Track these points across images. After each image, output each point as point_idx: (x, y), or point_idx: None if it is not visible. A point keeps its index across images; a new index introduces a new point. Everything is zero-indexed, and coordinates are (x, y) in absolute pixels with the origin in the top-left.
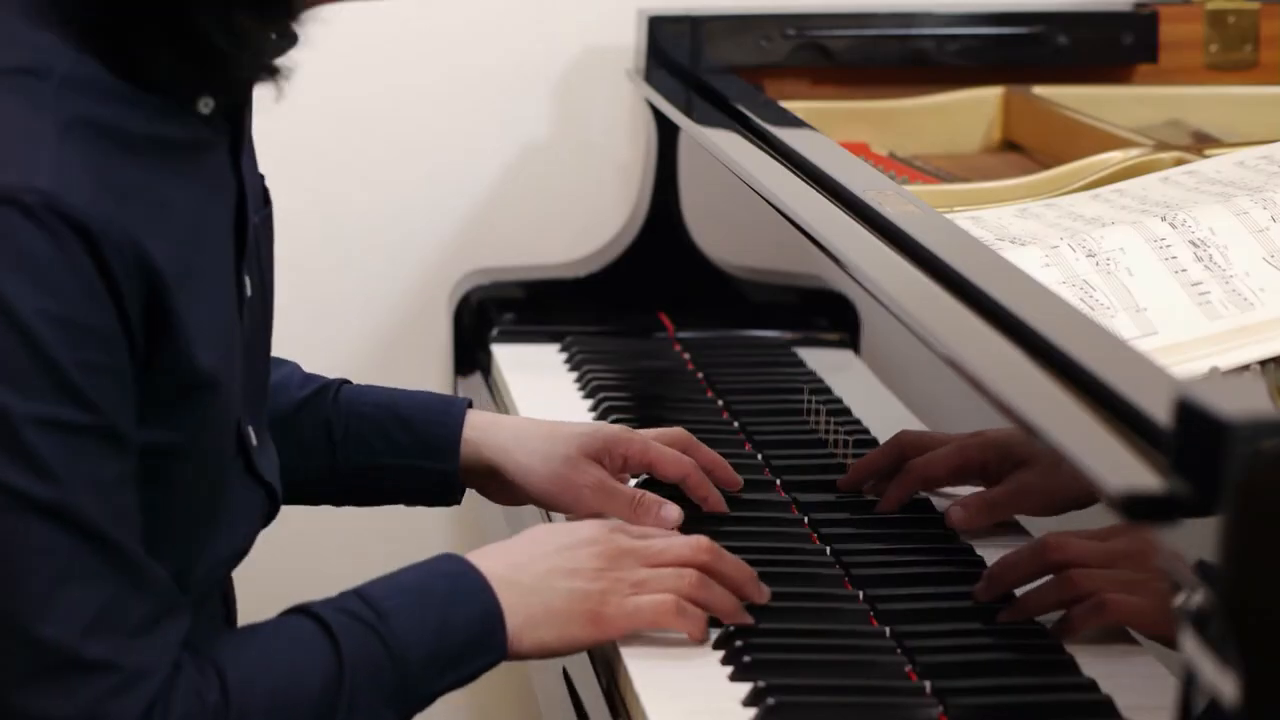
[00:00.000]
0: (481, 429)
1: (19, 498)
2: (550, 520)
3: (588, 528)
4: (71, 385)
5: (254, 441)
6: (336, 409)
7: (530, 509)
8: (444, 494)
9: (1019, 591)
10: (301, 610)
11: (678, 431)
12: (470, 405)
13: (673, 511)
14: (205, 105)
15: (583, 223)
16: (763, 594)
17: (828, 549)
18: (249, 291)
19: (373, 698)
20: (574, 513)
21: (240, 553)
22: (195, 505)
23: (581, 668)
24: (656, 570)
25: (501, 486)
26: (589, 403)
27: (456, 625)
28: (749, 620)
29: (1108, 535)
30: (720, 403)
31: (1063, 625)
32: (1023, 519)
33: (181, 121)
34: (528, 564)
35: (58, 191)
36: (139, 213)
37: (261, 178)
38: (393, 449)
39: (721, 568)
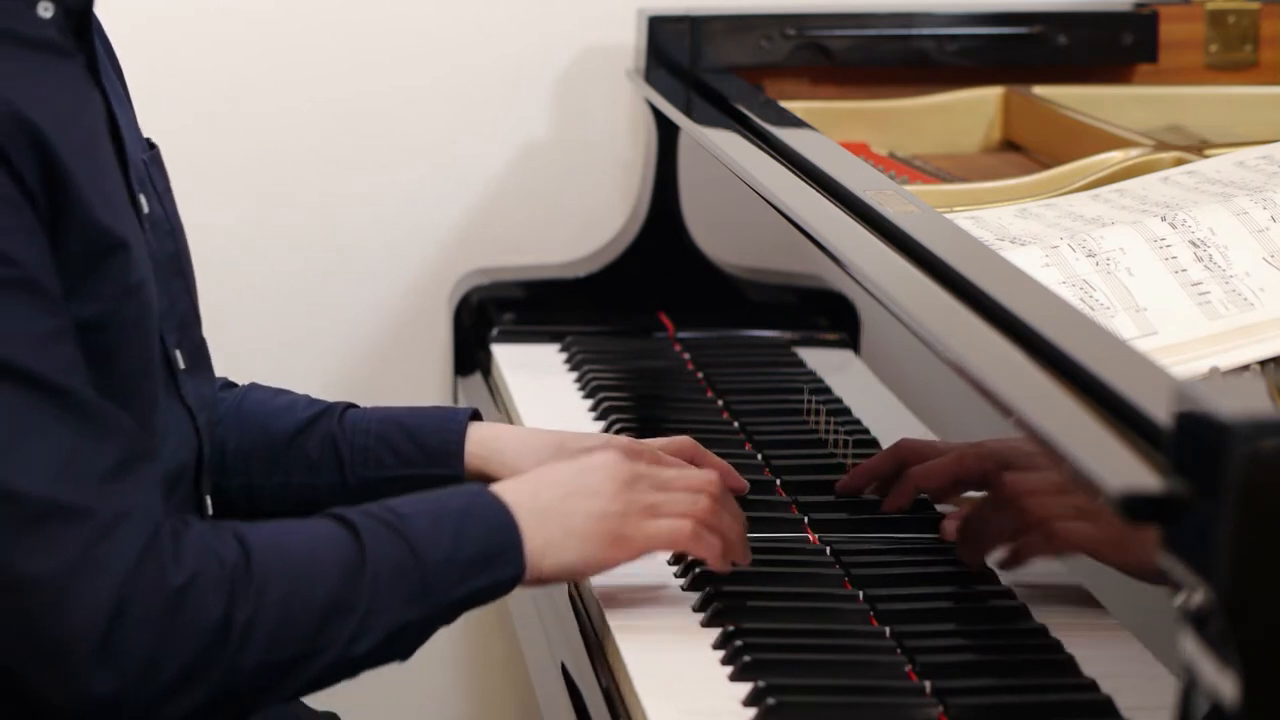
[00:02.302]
0: (487, 443)
1: None
2: None
3: (600, 454)
4: None
5: (181, 365)
6: (342, 428)
7: None
8: None
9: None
10: (319, 514)
11: (685, 440)
12: (475, 416)
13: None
14: (45, 9)
15: (583, 223)
16: (746, 558)
17: (828, 549)
18: (145, 208)
19: (395, 594)
20: None
21: (173, 480)
22: (130, 389)
23: (581, 667)
24: (671, 494)
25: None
26: (589, 403)
27: (473, 534)
28: (746, 558)
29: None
30: (720, 403)
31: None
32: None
33: (26, 21)
34: (545, 490)
35: None
36: (7, 84)
37: (139, 132)
38: (400, 461)
39: (725, 506)
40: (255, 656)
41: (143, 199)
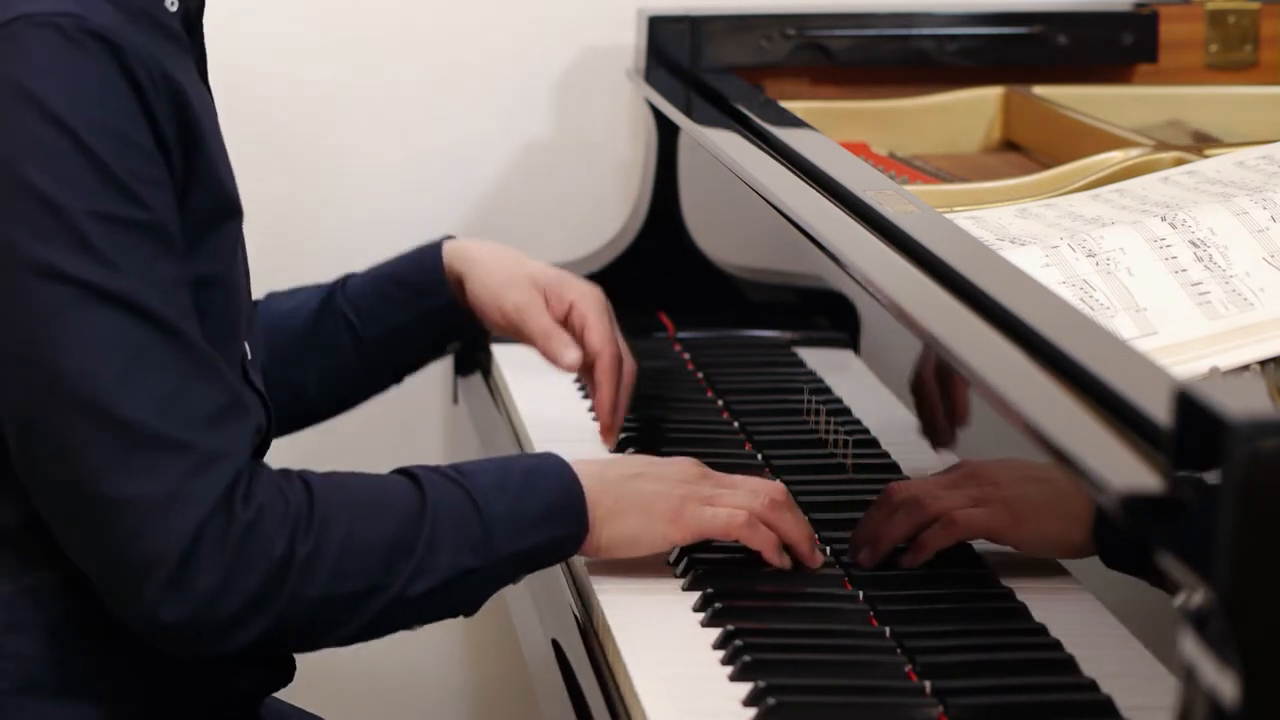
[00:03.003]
0: (454, 250)
1: (85, 287)
2: None
3: (674, 460)
4: (122, 183)
5: (248, 354)
6: (346, 299)
7: None
8: (456, 325)
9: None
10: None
11: (630, 361)
12: (447, 239)
13: (574, 353)
14: (172, 3)
15: (583, 223)
16: (816, 559)
17: (828, 549)
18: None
19: (455, 538)
20: (497, 330)
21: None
22: (227, 346)
23: (582, 667)
24: (734, 490)
25: (465, 297)
26: (589, 402)
27: (538, 489)
28: (816, 560)
29: (949, 472)
30: (720, 403)
31: (917, 547)
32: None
33: (159, 9)
34: (614, 467)
35: (86, 14)
36: (154, 48)
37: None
38: (398, 307)
39: (791, 511)
40: (318, 589)
41: None
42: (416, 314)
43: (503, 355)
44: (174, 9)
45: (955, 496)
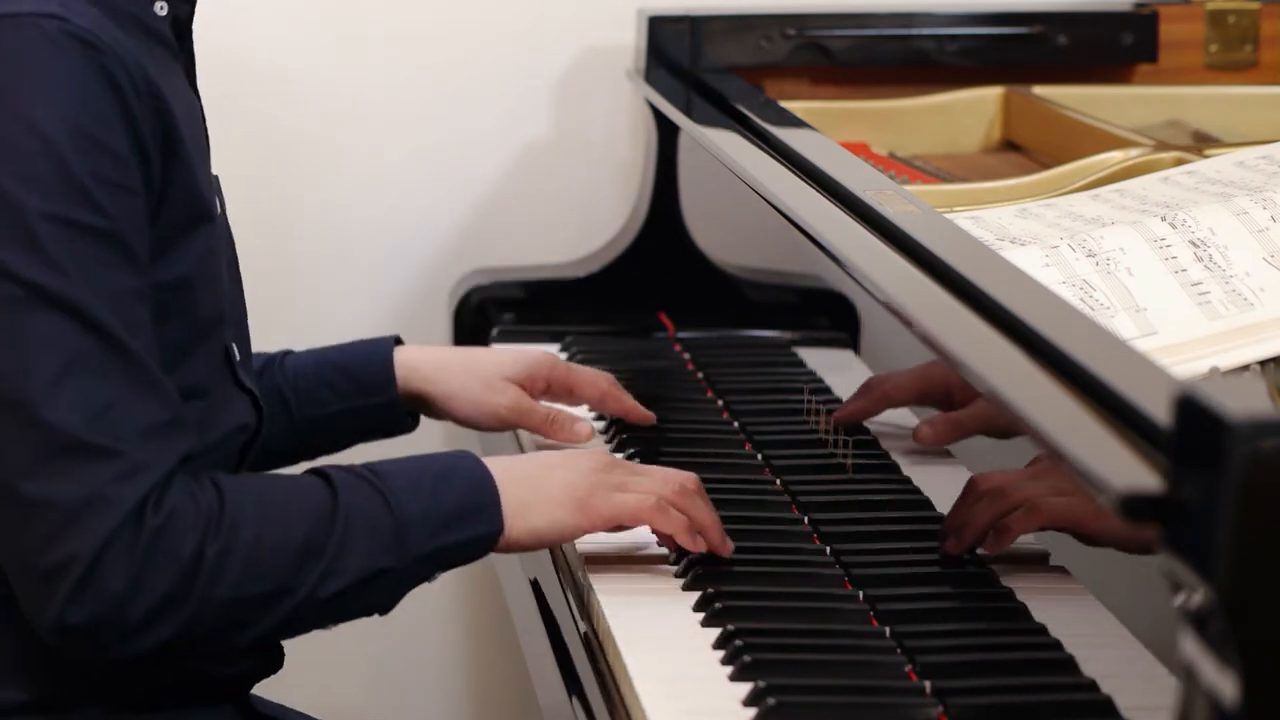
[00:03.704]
0: (409, 364)
1: (29, 288)
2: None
3: (588, 451)
4: (84, 189)
5: (237, 356)
6: (284, 375)
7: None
8: (394, 423)
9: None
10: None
11: (605, 375)
12: (398, 341)
13: (584, 427)
14: (160, 8)
15: (583, 223)
16: (727, 547)
17: (828, 549)
18: (218, 209)
19: (367, 539)
20: (495, 431)
21: (226, 452)
22: (202, 341)
23: (582, 667)
24: (643, 477)
25: (434, 410)
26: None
27: (452, 488)
28: (728, 548)
29: (1030, 465)
30: (720, 403)
31: (999, 531)
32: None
33: (148, 14)
34: (526, 462)
35: (69, 16)
36: (139, 55)
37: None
38: (338, 396)
39: (702, 498)
40: (227, 590)
41: (217, 201)
42: (357, 405)
43: None
44: (163, 14)
45: (1038, 486)
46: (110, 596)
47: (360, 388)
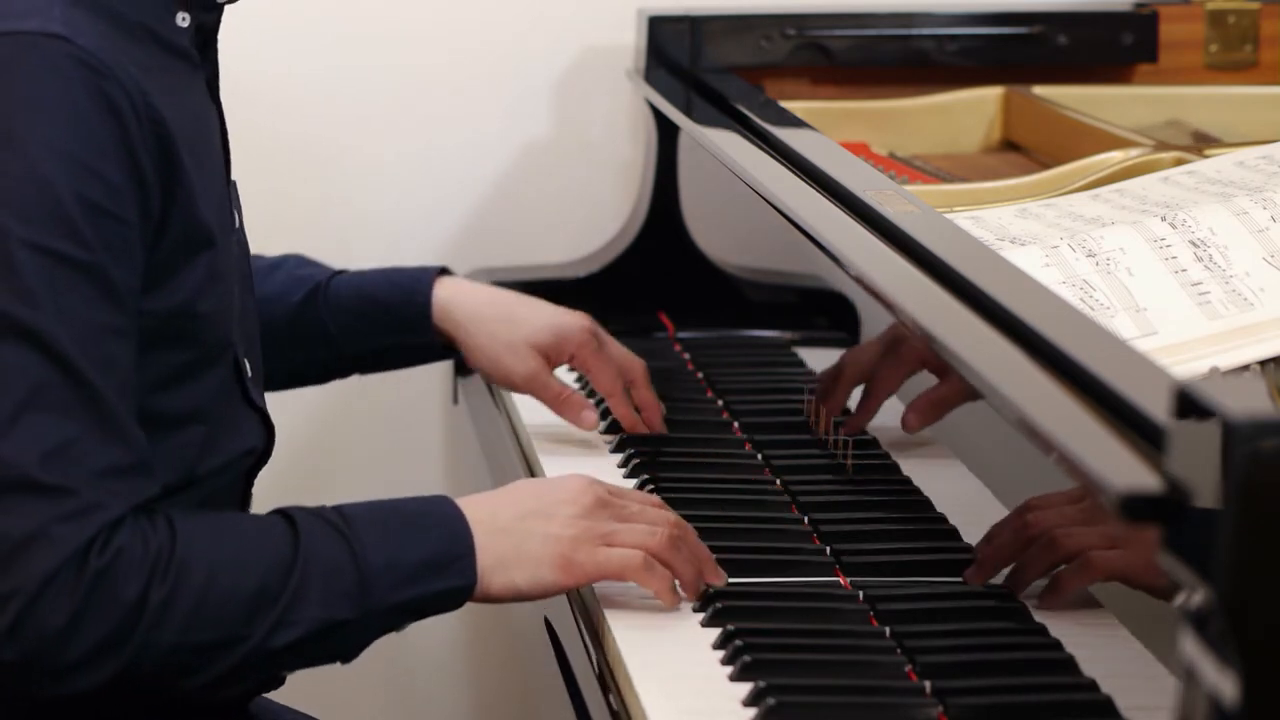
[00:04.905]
0: (445, 305)
1: (1, 317)
2: (533, 474)
3: (568, 481)
4: (70, 220)
5: (249, 372)
6: (328, 307)
7: (517, 468)
8: (432, 355)
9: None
10: (270, 511)
11: (636, 362)
12: (442, 272)
13: (591, 416)
14: (183, 19)
15: (583, 223)
16: (720, 577)
17: (828, 549)
18: (237, 223)
19: (326, 589)
20: (508, 389)
21: (234, 473)
22: (204, 372)
23: (582, 666)
24: (629, 525)
25: (460, 352)
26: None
27: (421, 541)
28: (720, 579)
29: (1082, 495)
30: (720, 403)
31: (1053, 587)
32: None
33: (166, 25)
34: (505, 509)
35: (73, 36)
36: (142, 75)
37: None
38: (381, 330)
39: (687, 541)
40: (171, 636)
41: (235, 214)
42: (397, 341)
43: None
44: (185, 24)
45: (1090, 536)
46: (48, 635)
47: (399, 324)
